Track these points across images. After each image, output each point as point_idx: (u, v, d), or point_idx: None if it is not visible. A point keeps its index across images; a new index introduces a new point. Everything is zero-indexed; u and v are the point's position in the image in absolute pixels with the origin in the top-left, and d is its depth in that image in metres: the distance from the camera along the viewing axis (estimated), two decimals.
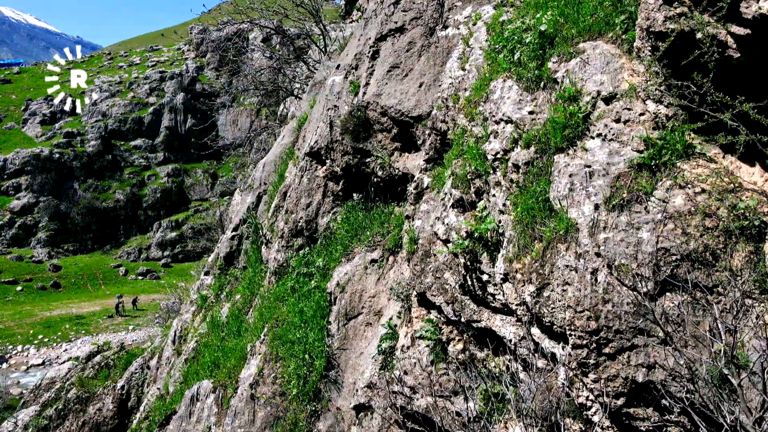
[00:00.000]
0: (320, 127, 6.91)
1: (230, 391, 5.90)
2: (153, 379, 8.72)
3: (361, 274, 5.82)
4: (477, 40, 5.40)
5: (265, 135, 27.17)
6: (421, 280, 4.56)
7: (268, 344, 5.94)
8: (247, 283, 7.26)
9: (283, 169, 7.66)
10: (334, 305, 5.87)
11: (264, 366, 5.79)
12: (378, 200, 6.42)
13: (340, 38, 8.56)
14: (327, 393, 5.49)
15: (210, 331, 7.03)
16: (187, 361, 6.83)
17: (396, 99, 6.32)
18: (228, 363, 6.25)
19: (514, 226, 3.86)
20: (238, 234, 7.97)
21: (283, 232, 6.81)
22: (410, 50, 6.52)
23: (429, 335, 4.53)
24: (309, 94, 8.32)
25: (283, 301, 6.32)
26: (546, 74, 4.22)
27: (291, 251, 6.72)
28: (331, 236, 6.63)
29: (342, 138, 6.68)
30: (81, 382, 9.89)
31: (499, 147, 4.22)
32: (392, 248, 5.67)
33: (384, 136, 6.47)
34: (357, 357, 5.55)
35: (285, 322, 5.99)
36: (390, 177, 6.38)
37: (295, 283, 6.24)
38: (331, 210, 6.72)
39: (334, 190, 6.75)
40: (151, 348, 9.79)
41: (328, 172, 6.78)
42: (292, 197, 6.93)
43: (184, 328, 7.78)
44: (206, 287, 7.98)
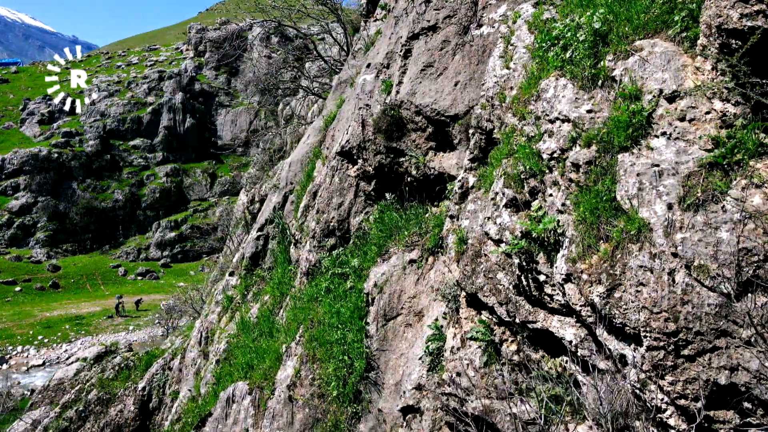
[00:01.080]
0: (352, 126, 6.86)
1: (267, 393, 5.84)
2: (176, 381, 8.65)
3: (399, 275, 5.77)
4: (519, 38, 5.35)
5: (270, 134, 27.10)
6: (472, 280, 4.51)
7: (304, 345, 5.88)
8: (276, 284, 7.20)
9: (311, 168, 7.60)
10: (371, 306, 5.82)
11: (301, 367, 5.73)
12: (412, 200, 6.37)
13: (365, 37, 8.50)
14: (367, 395, 5.44)
15: (239, 332, 6.97)
16: (219, 362, 6.77)
17: (431, 98, 6.28)
18: (262, 364, 6.19)
19: (576, 226, 3.82)
20: (263, 234, 7.91)
21: (315, 232, 6.76)
22: (444, 49, 6.47)
23: (480, 336, 4.49)
24: (334, 93, 8.26)
25: (318, 301, 6.27)
26: (603, 72, 4.18)
27: (323, 251, 6.66)
28: (363, 236, 6.58)
29: (374, 137, 6.62)
30: (101, 383, 9.80)
31: (556, 146, 4.18)
32: (432, 248, 5.62)
33: (418, 136, 6.42)
34: (397, 358, 5.51)
35: (321, 323, 5.93)
36: (425, 177, 6.33)
37: (329, 284, 6.19)
38: (362, 210, 6.67)
39: (366, 190, 6.70)
40: (172, 349, 9.71)
41: (360, 172, 6.72)
42: (323, 197, 6.87)
43: (210, 329, 7.71)
44: (231, 288, 7.92)
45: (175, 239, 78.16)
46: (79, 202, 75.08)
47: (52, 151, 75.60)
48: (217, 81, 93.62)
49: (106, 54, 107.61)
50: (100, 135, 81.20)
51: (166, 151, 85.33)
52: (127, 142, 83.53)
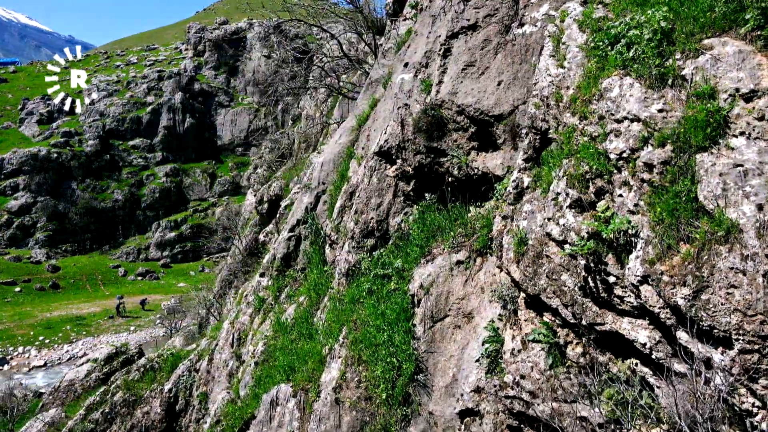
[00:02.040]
0: (390, 126, 6.79)
1: (312, 395, 5.77)
2: (204, 383, 8.57)
3: (446, 276, 5.71)
4: (570, 37, 5.30)
5: (278, 134, 26.95)
6: (534, 282, 4.46)
7: (348, 347, 5.82)
8: (312, 285, 7.13)
9: (344, 168, 7.54)
10: (417, 307, 5.77)
11: (346, 369, 5.67)
12: (454, 200, 6.31)
13: (394, 36, 8.45)
14: (417, 397, 5.38)
15: (276, 334, 6.90)
16: (258, 364, 6.70)
17: (474, 97, 6.22)
18: (305, 366, 6.12)
19: (652, 227, 3.76)
20: (294, 235, 7.84)
21: (354, 233, 6.69)
22: (485, 48, 6.42)
23: (543, 338, 4.43)
24: (365, 93, 8.20)
25: (359, 303, 6.21)
26: (671, 71, 4.13)
27: (362, 252, 6.60)
28: (403, 237, 6.52)
29: (414, 137, 6.57)
30: (126, 385, 9.71)
31: (624, 146, 4.12)
32: (480, 249, 5.57)
33: (459, 135, 6.37)
34: (446, 360, 5.45)
35: (365, 325, 5.87)
36: (467, 177, 6.28)
37: (372, 285, 6.12)
38: (402, 210, 6.61)
39: (405, 190, 6.64)
40: (198, 351, 9.63)
41: (399, 172, 6.67)
42: (361, 197, 6.81)
43: (242, 331, 7.64)
44: (263, 289, 7.85)
45: (175, 239, 78.00)
46: (79, 202, 74.83)
47: (51, 151, 75.33)
48: (217, 81, 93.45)
49: (104, 54, 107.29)
50: (99, 135, 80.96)
51: (165, 151, 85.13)
52: (126, 142, 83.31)
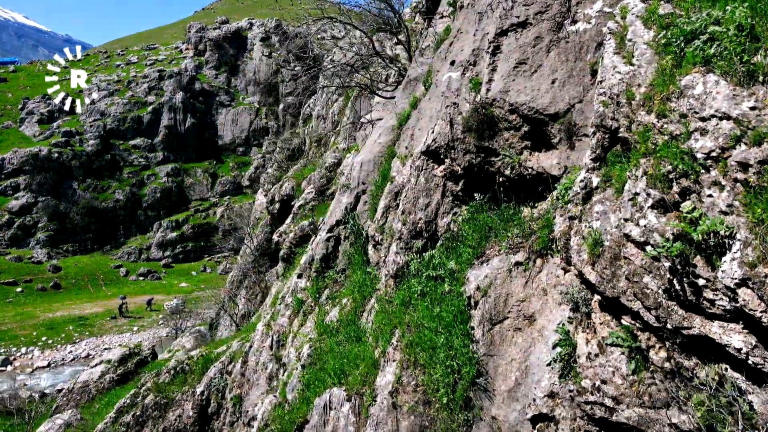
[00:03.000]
0: (438, 125, 6.68)
1: (367, 400, 5.66)
2: (237, 385, 8.45)
3: (504, 277, 5.60)
4: (636, 34, 5.19)
5: (288, 134, 26.77)
6: (612, 284, 4.35)
7: (402, 350, 5.71)
8: (356, 287, 7.01)
9: (386, 168, 7.42)
10: (474, 309, 5.66)
11: (402, 373, 5.56)
12: (507, 201, 6.20)
13: (431, 34, 8.33)
14: (478, 401, 5.27)
15: (321, 337, 6.78)
16: (305, 367, 6.58)
17: (527, 96, 6.12)
18: (357, 370, 6.01)
19: (750, 228, 3.65)
20: (333, 236, 7.72)
21: (401, 234, 6.58)
22: (537, 45, 6.31)
23: (622, 342, 4.32)
24: (404, 91, 8.08)
25: (410, 305, 6.10)
26: (761, 68, 4.02)
27: (411, 253, 6.49)
28: (453, 238, 6.41)
29: (464, 136, 6.46)
30: (157, 387, 9.57)
31: (713, 145, 4.01)
32: (540, 250, 5.46)
33: (511, 135, 6.26)
34: (507, 364, 5.34)
35: (419, 328, 5.76)
36: (520, 177, 6.17)
37: (424, 287, 6.01)
38: (450, 210, 6.50)
39: (453, 190, 6.53)
40: (230, 353, 9.50)
41: (447, 172, 6.55)
42: (408, 197, 6.69)
43: (281, 333, 7.51)
44: (300, 290, 7.73)
45: (176, 239, 77.80)
46: (80, 202, 74.57)
47: (52, 151, 75.06)
48: (218, 80, 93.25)
49: (104, 53, 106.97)
50: (100, 134, 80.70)
51: (166, 150, 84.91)
52: (127, 141, 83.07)
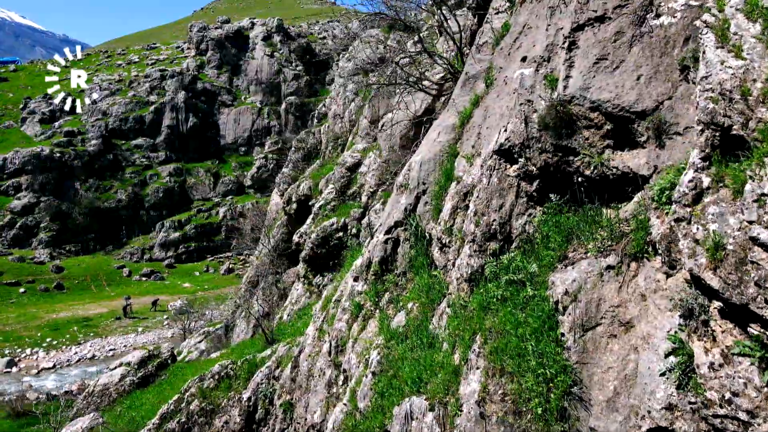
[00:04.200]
0: (512, 124, 6.45)
1: (452, 409, 5.43)
2: (287, 391, 8.20)
3: (594, 282, 5.38)
4: (740, 27, 4.97)
5: (303, 133, 26.56)
6: (739, 290, 4.11)
7: (486, 357, 5.48)
8: (423, 290, 6.78)
9: (449, 167, 7.20)
10: (563, 315, 5.43)
11: (488, 381, 5.33)
12: (587, 201, 5.98)
13: (488, 30, 8.11)
14: (574, 412, 5.04)
15: (389, 343, 6.55)
16: (375, 374, 6.35)
17: (611, 93, 5.89)
18: (435, 378, 5.78)
19: None
20: (391, 237, 7.49)
21: (475, 236, 6.35)
22: (618, 41, 6.09)
23: (751, 352, 4.09)
24: (462, 89, 7.85)
25: (489, 310, 5.87)
26: None
27: (485, 256, 6.26)
28: (528, 240, 6.19)
29: (540, 135, 6.23)
30: (202, 393, 9.32)
31: None
32: (634, 254, 5.23)
33: (592, 133, 6.03)
34: (603, 372, 5.11)
35: (502, 334, 5.53)
36: (602, 176, 5.95)
37: (504, 291, 5.78)
38: (525, 212, 6.27)
39: (528, 191, 6.30)
40: (276, 357, 9.25)
41: (521, 172, 6.33)
42: (481, 198, 6.46)
43: (340, 338, 7.28)
44: (358, 294, 7.49)
45: (179, 239, 77.47)
46: (82, 202, 74.19)
47: (54, 151, 74.67)
48: (219, 80, 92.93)
49: (105, 52, 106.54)
50: (102, 134, 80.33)
51: (168, 150, 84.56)
52: (129, 141, 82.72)
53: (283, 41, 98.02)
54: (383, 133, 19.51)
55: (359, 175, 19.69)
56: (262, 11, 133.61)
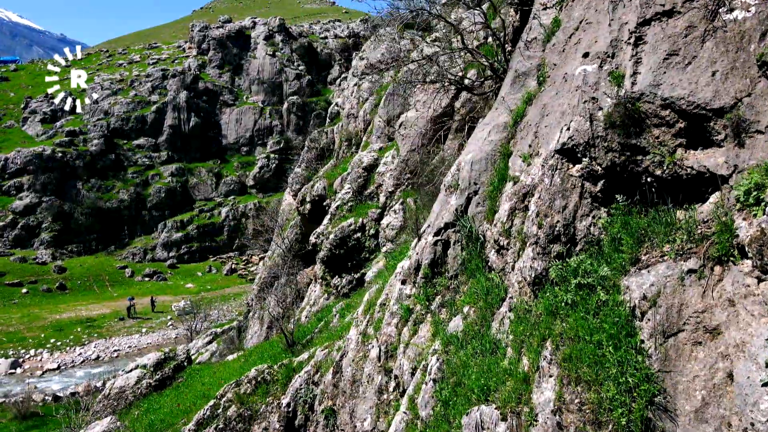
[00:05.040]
0: (575, 122, 6.24)
1: (526, 419, 5.21)
2: (329, 397, 7.97)
3: (674, 286, 5.15)
4: None
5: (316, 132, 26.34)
6: None
7: (559, 365, 5.26)
8: (480, 294, 6.56)
9: (502, 167, 6.98)
10: (642, 321, 5.21)
11: (563, 390, 5.11)
12: (658, 202, 5.76)
13: (537, 26, 7.89)
14: (659, 422, 4.82)
15: (446, 348, 6.33)
16: (436, 381, 6.13)
17: (684, 90, 5.67)
18: (504, 386, 5.57)
19: None
20: (441, 240, 7.26)
21: (538, 238, 6.13)
22: (689, 35, 5.87)
23: None
24: (512, 87, 7.63)
25: (557, 315, 5.65)
26: None
27: (548, 259, 6.04)
28: (594, 242, 5.97)
29: (606, 133, 6.02)
30: (239, 398, 9.09)
31: None
32: (718, 257, 5.00)
33: (662, 131, 5.81)
34: (689, 381, 4.88)
35: (575, 340, 5.31)
36: (674, 176, 5.73)
37: (574, 295, 5.56)
38: (589, 213, 6.05)
39: (592, 191, 6.08)
40: (315, 362, 9.02)
41: (585, 171, 6.11)
42: (543, 199, 6.24)
43: (389, 343, 7.06)
44: (407, 297, 7.27)
45: (181, 240, 77.19)
46: (84, 202, 73.86)
47: (56, 151, 74.30)
48: (221, 79, 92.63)
49: (106, 52, 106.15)
50: (104, 134, 79.98)
51: (170, 150, 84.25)
52: (131, 141, 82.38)
53: (284, 41, 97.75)
54: (401, 133, 19.30)
55: (376, 174, 19.46)
56: (261, 11, 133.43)
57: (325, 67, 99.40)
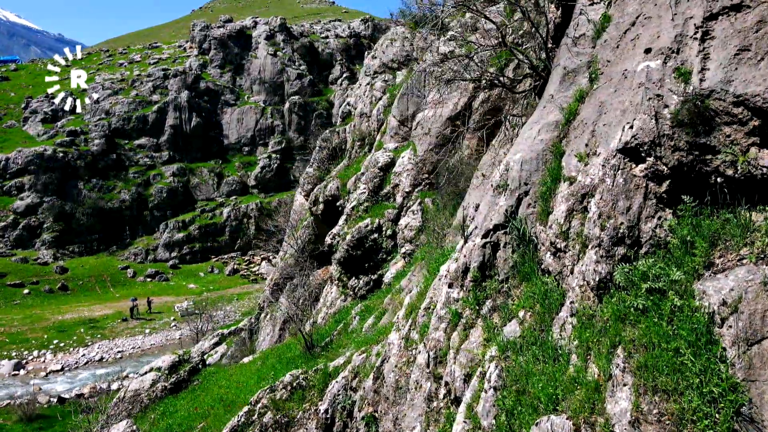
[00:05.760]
0: (639, 120, 6.01)
1: (601, 430, 4.98)
2: (370, 403, 7.74)
3: (757, 291, 4.93)
4: None
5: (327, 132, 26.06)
6: None
7: (633, 373, 5.03)
8: (537, 298, 6.33)
9: (555, 167, 6.76)
10: (722, 328, 4.98)
11: (639, 400, 4.89)
12: (730, 203, 5.54)
13: (584, 22, 7.67)
14: None
15: (503, 354, 6.11)
16: (497, 389, 5.90)
17: (759, 86, 5.45)
18: (573, 395, 5.34)
19: None
20: (490, 242, 7.03)
21: (601, 241, 5.90)
22: (760, 30, 5.65)
23: None
24: (561, 84, 7.41)
25: (626, 321, 5.42)
26: None
27: (612, 262, 5.81)
28: (661, 244, 5.74)
29: (672, 132, 5.79)
30: (275, 404, 8.84)
31: None
32: None
33: (734, 130, 5.59)
34: None
35: (649, 347, 5.08)
36: (747, 176, 5.50)
37: (645, 301, 5.33)
38: (654, 214, 5.83)
39: (657, 192, 5.86)
40: (352, 367, 8.78)
41: (649, 171, 5.89)
42: (605, 199, 6.02)
43: (438, 349, 6.83)
44: (454, 301, 7.04)
45: (183, 240, 76.89)
46: (85, 202, 73.51)
47: (57, 151, 73.91)
48: (222, 79, 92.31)
49: (106, 51, 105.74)
50: (105, 134, 79.62)
51: (172, 150, 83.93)
52: (132, 141, 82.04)
53: (286, 40, 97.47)
54: (417, 132, 19.06)
55: (393, 175, 19.22)
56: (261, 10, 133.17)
57: (326, 67, 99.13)
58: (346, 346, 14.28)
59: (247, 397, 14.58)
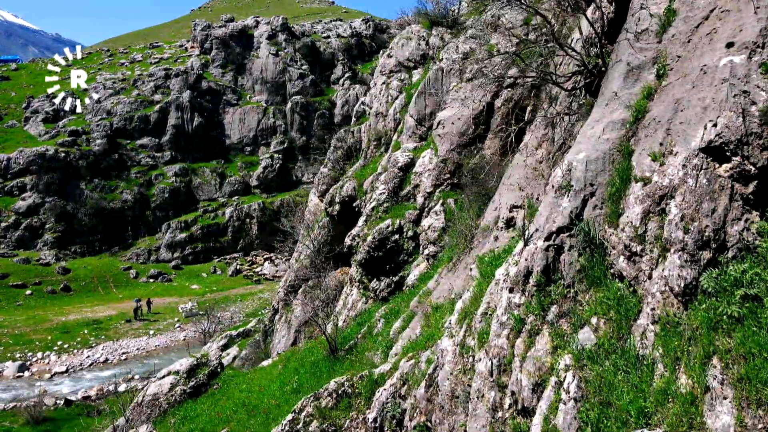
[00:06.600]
0: (724, 118, 5.73)
1: None
2: (423, 412, 7.45)
3: None
4: None
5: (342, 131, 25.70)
6: None
7: (733, 385, 4.74)
8: (611, 304, 6.05)
9: (624, 167, 6.48)
10: None
11: (743, 414, 4.60)
12: None
13: (646, 17, 7.38)
14: None
15: (578, 363, 5.83)
16: (577, 401, 5.61)
17: None
18: (665, 408, 5.05)
19: None
20: (553, 245, 6.74)
21: (684, 244, 5.62)
22: None
23: None
24: (626, 81, 7.13)
25: (718, 329, 5.13)
26: None
27: (698, 267, 5.52)
28: (748, 248, 5.45)
29: (761, 130, 5.51)
30: (320, 413, 8.53)
31: None
32: None
33: None
34: None
35: (748, 357, 4.79)
36: None
37: (740, 308, 5.05)
38: (740, 216, 5.54)
39: (743, 193, 5.57)
40: (401, 375, 8.48)
41: (734, 172, 5.60)
42: (688, 201, 5.73)
43: (502, 356, 6.54)
44: (516, 306, 6.75)
45: (185, 240, 76.48)
46: (87, 202, 73.08)
47: (58, 151, 73.46)
48: (224, 79, 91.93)
49: (107, 51, 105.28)
50: (107, 134, 79.18)
51: (174, 150, 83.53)
52: (134, 141, 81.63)
53: (287, 40, 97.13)
54: (438, 132, 18.77)
55: (413, 175, 18.93)
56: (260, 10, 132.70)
57: (328, 66, 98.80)
58: (372, 350, 13.97)
59: (271, 402, 14.30)
